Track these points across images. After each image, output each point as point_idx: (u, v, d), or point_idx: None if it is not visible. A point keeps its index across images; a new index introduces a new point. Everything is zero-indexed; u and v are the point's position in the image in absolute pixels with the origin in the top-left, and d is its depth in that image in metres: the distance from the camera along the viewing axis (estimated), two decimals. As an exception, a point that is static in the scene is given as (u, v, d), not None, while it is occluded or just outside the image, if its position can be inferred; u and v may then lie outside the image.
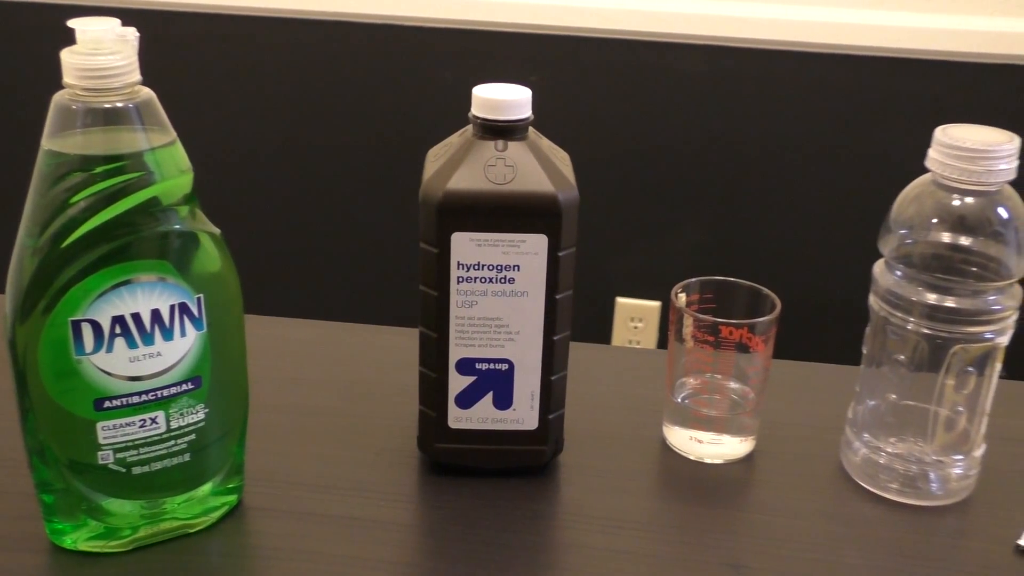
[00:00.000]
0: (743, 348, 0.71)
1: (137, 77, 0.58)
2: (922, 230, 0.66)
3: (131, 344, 0.59)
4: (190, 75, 1.91)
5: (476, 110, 0.66)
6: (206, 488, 0.65)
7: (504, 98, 0.65)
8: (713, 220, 1.89)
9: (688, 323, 0.72)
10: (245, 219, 1.97)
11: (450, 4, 1.79)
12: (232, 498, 0.67)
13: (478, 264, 0.66)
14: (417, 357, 0.70)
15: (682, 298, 0.74)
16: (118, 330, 0.58)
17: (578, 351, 0.72)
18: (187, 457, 0.63)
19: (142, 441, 0.61)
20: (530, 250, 0.65)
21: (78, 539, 0.63)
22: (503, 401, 0.69)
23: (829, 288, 1.82)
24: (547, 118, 0.80)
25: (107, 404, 0.59)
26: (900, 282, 0.67)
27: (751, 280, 0.75)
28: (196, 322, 0.61)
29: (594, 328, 1.97)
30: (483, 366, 0.68)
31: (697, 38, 1.76)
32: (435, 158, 0.67)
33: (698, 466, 0.74)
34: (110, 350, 0.58)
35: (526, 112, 0.66)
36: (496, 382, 0.69)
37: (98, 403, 0.59)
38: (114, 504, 0.62)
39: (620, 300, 1.96)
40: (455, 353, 0.68)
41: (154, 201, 0.58)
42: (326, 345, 0.89)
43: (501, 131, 0.66)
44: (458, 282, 0.66)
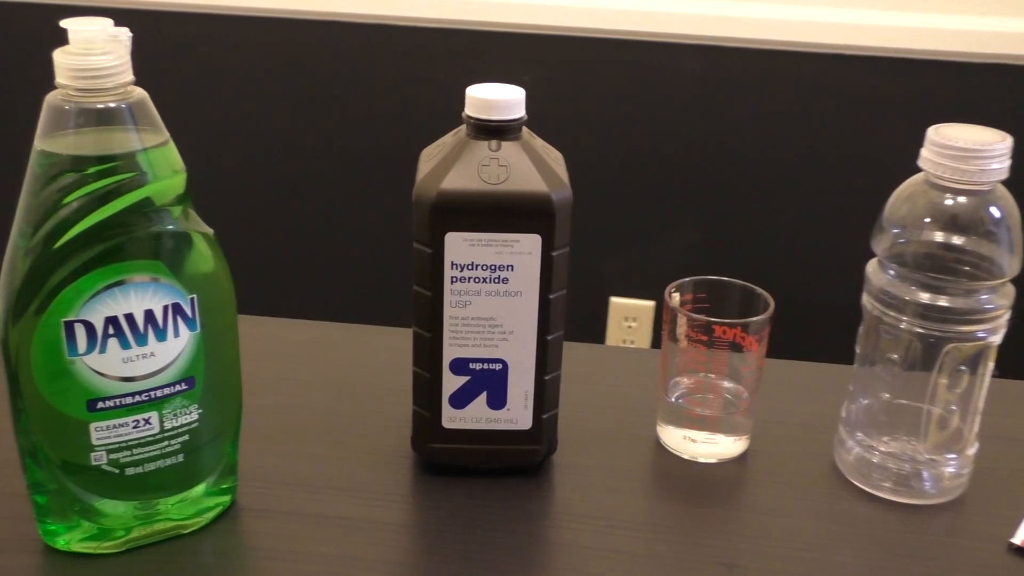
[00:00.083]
0: (737, 347, 0.71)
1: (130, 77, 0.57)
2: (915, 229, 0.66)
3: (124, 345, 0.59)
4: (183, 75, 1.91)
5: (470, 110, 0.66)
6: (200, 489, 0.65)
7: (497, 98, 0.65)
8: (707, 220, 1.89)
9: (682, 323, 0.72)
10: (238, 219, 1.97)
11: (443, 4, 1.79)
12: (226, 499, 0.67)
13: (472, 264, 0.66)
14: (411, 357, 0.70)
15: (676, 298, 0.74)
16: (111, 331, 0.58)
17: (572, 351, 0.72)
18: (180, 458, 0.63)
19: (135, 442, 0.61)
20: (524, 250, 0.65)
21: (71, 540, 0.63)
22: (497, 401, 0.69)
23: (822, 287, 1.83)
24: (541, 118, 0.80)
25: (100, 405, 0.59)
26: (893, 281, 0.67)
27: (744, 279, 0.75)
28: (189, 322, 0.61)
29: (588, 328, 1.97)
30: (477, 366, 0.68)
31: (688, 38, 1.76)
32: (428, 158, 0.67)
33: (692, 465, 0.74)
34: (103, 351, 0.58)
35: (519, 112, 0.66)
36: (490, 382, 0.69)
37: (91, 404, 0.59)
38: (107, 505, 0.62)
39: (614, 300, 1.96)
40: (449, 353, 0.68)
41: (147, 201, 0.58)
42: (319, 345, 0.89)
43: (495, 131, 0.66)
44: (452, 282, 0.66)
